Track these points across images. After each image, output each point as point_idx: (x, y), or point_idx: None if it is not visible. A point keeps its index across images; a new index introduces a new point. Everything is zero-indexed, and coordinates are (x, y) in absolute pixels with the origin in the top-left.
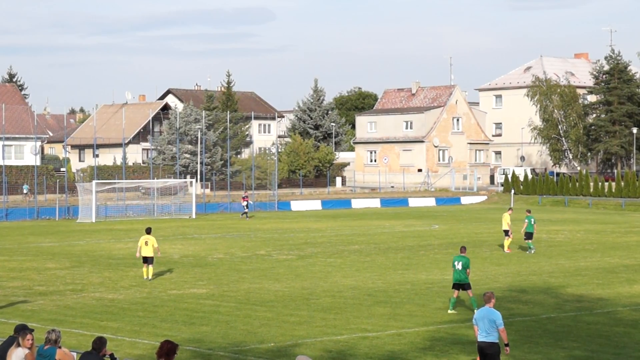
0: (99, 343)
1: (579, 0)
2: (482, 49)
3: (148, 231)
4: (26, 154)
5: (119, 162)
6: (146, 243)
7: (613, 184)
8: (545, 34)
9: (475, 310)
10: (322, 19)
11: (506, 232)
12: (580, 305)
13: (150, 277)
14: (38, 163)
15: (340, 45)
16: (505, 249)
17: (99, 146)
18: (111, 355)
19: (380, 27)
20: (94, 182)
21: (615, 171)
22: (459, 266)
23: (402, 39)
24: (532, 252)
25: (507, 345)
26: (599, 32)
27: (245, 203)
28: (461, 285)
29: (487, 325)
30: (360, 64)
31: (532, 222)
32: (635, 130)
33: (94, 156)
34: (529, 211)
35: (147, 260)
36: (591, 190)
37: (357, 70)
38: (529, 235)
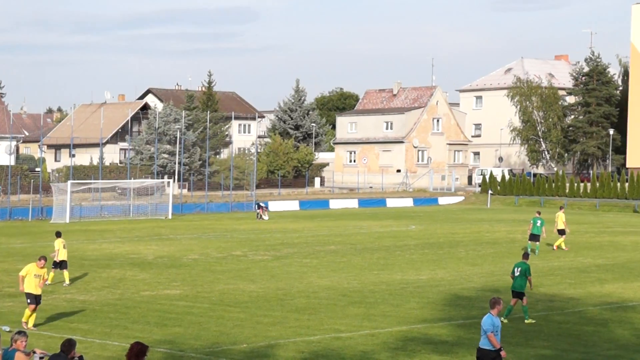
0: (68, 345)
1: (560, 2)
2: (464, 50)
3: (59, 235)
4: (0, 154)
5: (95, 162)
6: (64, 246)
7: (588, 184)
8: (526, 36)
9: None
10: (305, 19)
11: (562, 232)
12: (552, 305)
13: (67, 282)
14: (12, 163)
15: (323, 46)
16: (564, 246)
17: (76, 146)
18: (80, 358)
19: (363, 27)
20: (69, 182)
21: (591, 172)
22: (518, 272)
23: (384, 39)
24: (536, 253)
25: (500, 349)
26: (579, 34)
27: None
28: (518, 293)
29: (481, 330)
30: (342, 65)
31: (539, 224)
32: (612, 131)
33: (70, 156)
34: (538, 212)
35: (61, 264)
36: (567, 190)
37: (338, 70)
38: (535, 237)
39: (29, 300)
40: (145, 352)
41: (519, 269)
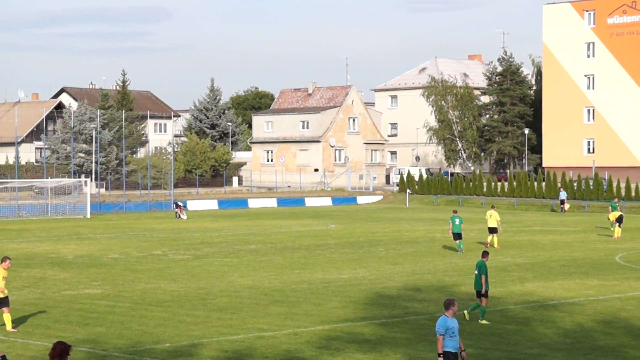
0: None
1: (472, 3)
2: (378, 49)
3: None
4: None
5: (11, 161)
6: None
7: (506, 184)
8: (439, 36)
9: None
10: (218, 18)
11: (494, 230)
12: (473, 304)
13: None
14: None
15: (237, 45)
16: (496, 245)
17: None
18: (3, 357)
19: (277, 26)
20: None
21: (508, 171)
22: (477, 271)
23: (299, 39)
24: (461, 252)
25: (463, 351)
26: (492, 34)
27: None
28: (478, 292)
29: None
30: (257, 64)
31: (457, 222)
32: (527, 130)
33: None
34: (455, 211)
35: None
36: (484, 190)
37: (253, 69)
38: (457, 236)
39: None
40: (68, 351)
41: (478, 267)
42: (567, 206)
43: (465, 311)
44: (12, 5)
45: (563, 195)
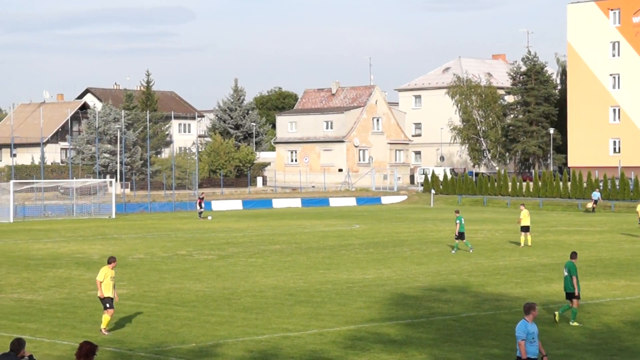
0: (17, 345)
1: (495, 2)
2: (401, 49)
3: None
4: None
5: (37, 162)
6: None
7: (531, 184)
8: (463, 35)
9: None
10: (241, 19)
11: (526, 228)
12: (499, 304)
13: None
14: None
15: (260, 45)
16: (529, 243)
17: (17, 145)
18: (30, 357)
19: (300, 27)
20: (11, 182)
21: (533, 171)
22: (566, 272)
23: (322, 39)
24: (471, 250)
25: (545, 356)
26: (516, 34)
27: (199, 205)
28: (568, 294)
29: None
30: (281, 64)
31: (463, 222)
32: (552, 130)
33: (11, 155)
34: (457, 211)
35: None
36: (509, 190)
37: (277, 70)
38: (461, 235)
39: (107, 305)
40: (94, 351)
41: (567, 268)
42: (590, 205)
43: (556, 312)
44: (36, 7)
45: (596, 195)
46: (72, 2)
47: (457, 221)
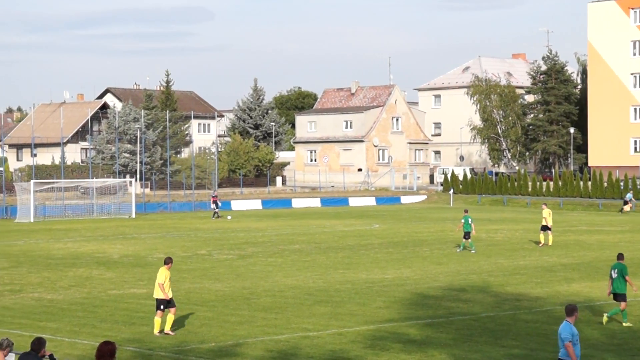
0: (38, 344)
1: (515, 1)
2: (421, 49)
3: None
4: None
5: (57, 162)
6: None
7: (551, 183)
8: (482, 35)
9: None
10: (261, 18)
11: (548, 227)
12: (519, 304)
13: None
14: None
15: (280, 45)
16: (550, 242)
17: (37, 145)
18: (50, 356)
19: (320, 27)
20: (32, 181)
21: (553, 171)
22: (615, 274)
23: (342, 39)
24: (473, 251)
25: None
26: (536, 33)
27: (214, 204)
28: (618, 295)
29: (559, 341)
30: (300, 64)
31: (470, 222)
32: (572, 130)
33: (32, 155)
34: (466, 211)
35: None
36: (529, 189)
37: (296, 69)
38: (467, 235)
39: (162, 307)
40: (114, 352)
41: (616, 270)
42: (627, 207)
43: (605, 315)
44: (56, 8)
45: (629, 196)
46: (92, 3)
47: (463, 220)
